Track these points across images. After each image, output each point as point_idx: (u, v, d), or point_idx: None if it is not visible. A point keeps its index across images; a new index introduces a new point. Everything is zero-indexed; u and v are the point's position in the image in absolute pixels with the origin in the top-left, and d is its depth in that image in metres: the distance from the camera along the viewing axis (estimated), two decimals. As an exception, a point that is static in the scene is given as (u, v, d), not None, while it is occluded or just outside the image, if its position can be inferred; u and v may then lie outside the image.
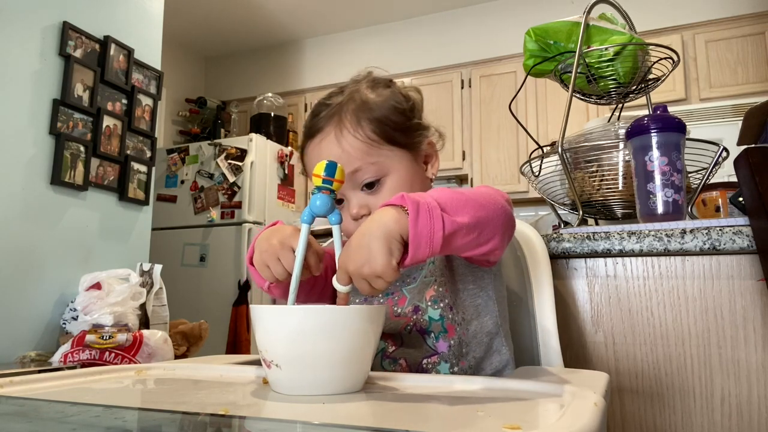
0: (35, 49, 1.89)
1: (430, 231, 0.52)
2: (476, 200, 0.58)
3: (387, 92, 0.76)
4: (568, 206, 1.17)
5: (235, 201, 3.44)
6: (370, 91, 0.76)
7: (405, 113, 0.75)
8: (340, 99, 0.75)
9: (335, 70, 4.34)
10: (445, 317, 0.70)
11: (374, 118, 0.72)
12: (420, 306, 0.71)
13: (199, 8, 4.05)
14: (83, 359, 1.29)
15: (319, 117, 0.75)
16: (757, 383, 0.84)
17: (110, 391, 0.58)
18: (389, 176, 0.72)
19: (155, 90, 2.35)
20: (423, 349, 0.71)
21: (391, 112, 0.74)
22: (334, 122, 0.73)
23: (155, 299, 1.63)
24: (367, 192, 0.72)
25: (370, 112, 0.73)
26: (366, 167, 0.71)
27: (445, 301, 0.71)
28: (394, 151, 0.73)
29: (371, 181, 0.72)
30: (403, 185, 0.72)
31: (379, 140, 0.72)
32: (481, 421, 0.42)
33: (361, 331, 0.51)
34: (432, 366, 0.70)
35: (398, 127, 0.74)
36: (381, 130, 0.72)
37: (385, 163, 0.72)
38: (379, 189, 0.72)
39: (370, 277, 0.52)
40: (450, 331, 0.70)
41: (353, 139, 0.71)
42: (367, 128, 0.72)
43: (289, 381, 0.51)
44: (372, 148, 0.72)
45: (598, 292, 0.95)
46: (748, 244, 0.83)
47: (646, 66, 1.08)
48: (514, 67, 3.70)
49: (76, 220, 1.99)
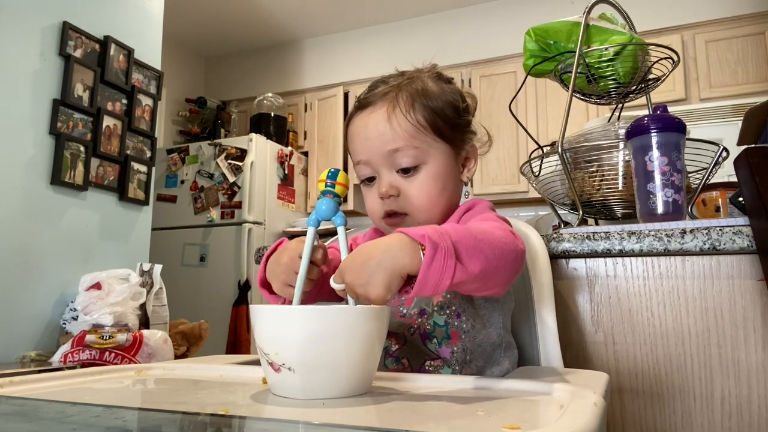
0: (35, 49, 1.89)
1: (439, 277, 0.51)
2: (493, 246, 0.57)
3: (447, 86, 0.77)
4: (568, 206, 1.17)
5: (235, 201, 3.44)
6: (431, 81, 0.77)
7: (458, 111, 0.76)
8: (399, 80, 0.76)
9: (335, 70, 4.35)
10: (450, 324, 0.70)
11: (429, 106, 0.73)
12: (426, 310, 0.71)
13: (199, 8, 4.05)
14: (83, 359, 1.29)
15: (375, 92, 0.76)
16: (757, 383, 0.84)
17: (110, 391, 0.58)
18: (426, 165, 0.73)
19: (155, 90, 2.35)
20: (425, 352, 0.71)
21: (446, 106, 0.75)
22: (388, 99, 0.74)
23: (155, 299, 1.63)
24: (401, 175, 0.73)
25: (426, 99, 0.73)
26: (407, 149, 0.72)
27: (452, 308, 0.71)
28: (438, 143, 0.74)
29: (408, 166, 0.72)
30: (437, 179, 0.73)
31: (427, 127, 0.73)
32: (481, 421, 0.42)
33: (376, 331, 0.51)
34: (435, 369, 0.70)
35: (448, 122, 0.75)
36: (432, 119, 0.73)
37: (426, 151, 0.73)
38: (413, 175, 0.73)
39: (361, 297, 0.52)
40: (454, 338, 0.70)
41: (403, 119, 0.72)
42: (419, 113, 0.72)
43: (304, 384, 0.49)
44: (418, 133, 0.72)
45: (598, 292, 0.94)
46: (748, 244, 0.83)
47: (646, 66, 1.08)
48: (514, 67, 3.70)
49: (76, 220, 1.99)
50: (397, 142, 0.71)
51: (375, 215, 0.76)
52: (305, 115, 4.29)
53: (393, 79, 0.77)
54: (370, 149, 0.73)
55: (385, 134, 0.71)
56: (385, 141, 0.72)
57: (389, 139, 0.71)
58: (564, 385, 0.50)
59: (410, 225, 0.71)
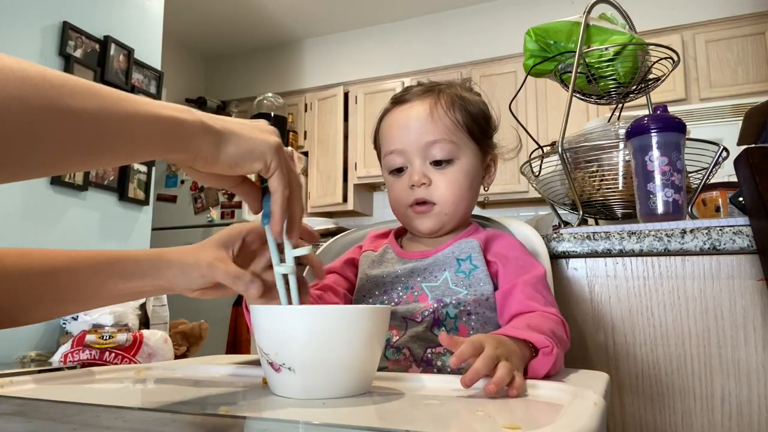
0: (35, 49, 1.89)
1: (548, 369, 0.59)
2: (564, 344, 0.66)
3: (479, 99, 0.84)
4: (568, 206, 1.17)
5: (235, 201, 3.44)
6: (465, 91, 0.83)
7: (488, 121, 0.84)
8: (437, 85, 0.83)
9: (335, 70, 4.35)
10: (459, 318, 0.71)
11: (466, 108, 0.79)
12: (444, 300, 0.73)
13: (199, 8, 4.05)
14: (83, 359, 1.29)
15: (413, 91, 0.82)
16: (757, 383, 0.84)
17: (110, 391, 0.58)
18: (458, 161, 0.78)
19: (155, 90, 2.35)
20: (428, 339, 0.71)
21: (479, 112, 0.81)
22: (430, 97, 0.79)
23: (155, 299, 1.63)
24: (433, 167, 0.78)
25: (464, 103, 0.80)
26: (444, 143, 0.77)
27: (467, 308, 0.72)
28: (470, 143, 0.80)
29: (442, 158, 0.77)
30: (466, 176, 0.78)
31: (463, 126, 0.78)
32: (481, 421, 0.42)
33: (376, 331, 0.51)
34: (437, 356, 0.70)
35: (480, 126, 0.81)
36: (468, 120, 0.79)
37: (461, 147, 0.78)
38: (445, 168, 0.78)
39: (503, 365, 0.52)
40: (462, 332, 0.71)
41: (444, 114, 0.78)
42: (458, 112, 0.78)
43: (304, 384, 0.49)
44: (457, 129, 0.78)
45: (598, 292, 0.94)
46: (748, 244, 0.83)
47: (646, 66, 1.08)
48: (514, 67, 3.70)
49: (76, 220, 1.99)
50: (437, 134, 0.77)
51: (401, 204, 0.80)
52: (305, 115, 4.29)
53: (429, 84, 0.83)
54: (407, 139, 0.78)
55: (425, 126, 0.77)
56: (424, 132, 0.77)
57: (428, 131, 0.76)
58: (564, 385, 0.50)
59: (437, 215, 0.77)
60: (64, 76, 0.43)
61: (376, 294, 0.76)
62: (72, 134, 0.43)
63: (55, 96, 0.42)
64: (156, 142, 0.48)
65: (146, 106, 0.48)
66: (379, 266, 0.80)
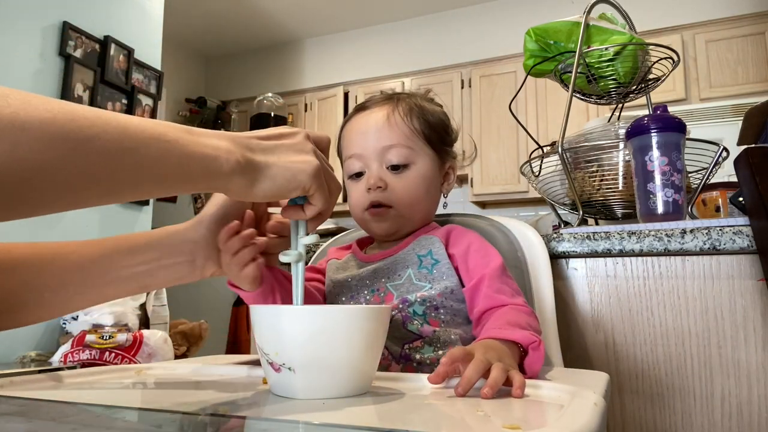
0: (35, 49, 1.89)
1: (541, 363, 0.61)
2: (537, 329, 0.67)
3: (438, 108, 0.86)
4: (568, 206, 1.17)
5: (235, 201, 3.44)
6: (424, 101, 0.85)
7: (447, 130, 0.85)
8: (397, 94, 0.85)
9: (335, 70, 4.35)
10: (428, 314, 0.72)
11: (424, 117, 0.81)
12: (408, 299, 0.73)
13: (199, 8, 4.05)
14: (83, 359, 1.29)
15: (374, 99, 0.85)
16: (757, 383, 0.84)
17: (110, 391, 0.58)
18: (414, 166, 0.79)
19: (155, 90, 2.35)
20: (403, 335, 0.71)
21: (437, 121, 0.83)
22: (389, 104, 0.82)
23: (155, 299, 1.63)
24: (390, 171, 0.79)
25: (421, 112, 0.82)
26: (400, 147, 0.79)
27: (433, 303, 0.72)
28: (427, 149, 0.81)
29: (398, 163, 0.79)
30: (422, 181, 0.80)
31: (420, 133, 0.80)
32: (481, 421, 0.42)
33: (377, 330, 0.51)
34: (415, 350, 0.70)
35: (438, 135, 0.83)
36: (425, 127, 0.81)
37: (417, 153, 0.80)
38: (402, 172, 0.79)
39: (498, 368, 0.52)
40: (433, 326, 0.72)
41: (401, 121, 0.80)
42: (415, 120, 0.80)
43: (304, 384, 0.49)
44: (413, 134, 0.80)
45: (598, 292, 0.95)
46: (748, 244, 0.83)
47: (646, 66, 1.08)
48: (514, 67, 3.70)
49: (76, 221, 1.99)
50: (393, 139, 0.78)
51: (358, 208, 0.82)
52: (305, 115, 4.29)
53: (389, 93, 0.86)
54: (364, 143, 0.80)
55: (382, 130, 0.79)
56: (381, 137, 0.79)
57: (385, 136, 0.78)
58: (564, 385, 0.50)
59: (393, 218, 0.79)
60: (94, 115, 0.43)
61: (344, 300, 0.77)
62: (96, 177, 0.43)
63: (81, 138, 0.41)
64: (184, 181, 0.48)
65: (179, 145, 0.46)
66: (344, 271, 0.81)
